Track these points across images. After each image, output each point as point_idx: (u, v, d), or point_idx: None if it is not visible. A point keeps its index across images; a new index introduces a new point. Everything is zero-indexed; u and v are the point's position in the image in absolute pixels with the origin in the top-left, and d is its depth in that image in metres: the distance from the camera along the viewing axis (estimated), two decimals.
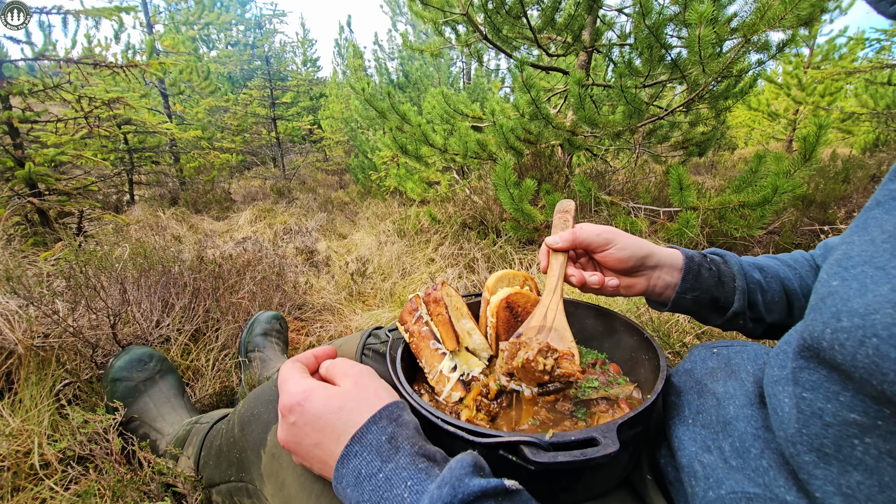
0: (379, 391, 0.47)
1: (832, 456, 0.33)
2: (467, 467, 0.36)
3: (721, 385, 0.50)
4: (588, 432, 0.41)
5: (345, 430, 0.43)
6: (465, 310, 0.68)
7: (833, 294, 0.36)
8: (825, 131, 1.61)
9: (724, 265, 0.62)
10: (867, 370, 0.30)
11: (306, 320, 1.84)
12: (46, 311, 1.12)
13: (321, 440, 0.44)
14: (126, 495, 0.79)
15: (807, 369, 0.36)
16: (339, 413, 0.44)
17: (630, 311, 1.54)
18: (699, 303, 0.61)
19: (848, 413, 0.32)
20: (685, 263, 0.60)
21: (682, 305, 0.62)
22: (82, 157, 2.74)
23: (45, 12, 2.48)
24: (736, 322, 0.62)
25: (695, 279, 0.60)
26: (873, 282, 0.33)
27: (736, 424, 0.45)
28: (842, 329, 0.32)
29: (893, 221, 0.38)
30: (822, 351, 0.34)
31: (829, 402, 0.34)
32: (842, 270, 0.38)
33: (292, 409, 0.46)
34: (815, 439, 0.34)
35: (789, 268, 0.65)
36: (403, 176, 3.63)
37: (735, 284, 0.60)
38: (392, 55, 7.86)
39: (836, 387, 0.33)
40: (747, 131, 8.98)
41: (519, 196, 2.08)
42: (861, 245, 0.39)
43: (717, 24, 1.68)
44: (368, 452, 0.41)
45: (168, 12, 5.53)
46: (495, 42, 2.60)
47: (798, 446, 0.36)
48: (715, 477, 0.42)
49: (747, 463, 0.42)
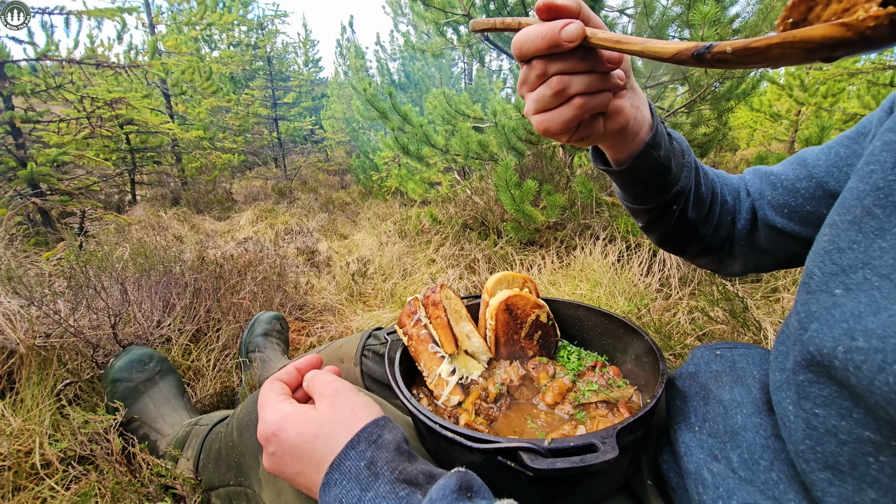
0: (356, 410, 0.45)
1: (847, 473, 0.32)
2: (450, 494, 0.34)
3: (727, 392, 0.49)
4: (587, 438, 0.41)
5: (322, 458, 0.42)
6: (464, 312, 0.68)
7: (839, 306, 0.34)
8: (827, 132, 1.61)
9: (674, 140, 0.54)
10: (885, 398, 0.28)
11: (307, 321, 1.84)
12: (48, 310, 1.13)
13: (301, 469, 0.43)
14: (125, 497, 0.79)
15: (816, 384, 0.35)
16: (314, 441, 0.42)
17: (630, 312, 1.54)
18: (655, 168, 0.51)
19: (862, 431, 0.31)
20: (650, 106, 0.51)
21: (642, 166, 0.50)
22: (84, 157, 2.74)
23: (48, 12, 2.49)
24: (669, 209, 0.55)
25: (659, 135, 0.50)
26: (883, 296, 0.32)
27: (744, 435, 0.43)
28: (857, 349, 0.31)
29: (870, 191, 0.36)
30: (834, 369, 0.32)
31: (843, 419, 0.32)
32: (839, 273, 0.36)
33: (269, 440, 0.45)
34: (830, 457, 0.33)
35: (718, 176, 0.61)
36: (405, 176, 3.63)
37: (684, 160, 0.54)
38: (394, 56, 7.86)
39: (848, 403, 0.32)
40: (749, 132, 8.96)
41: (520, 197, 2.08)
42: (846, 230, 0.37)
43: (719, 25, 1.68)
44: (348, 481, 0.39)
45: (170, 13, 5.54)
46: (497, 43, 2.60)
47: (812, 463, 0.35)
48: (725, 487, 0.40)
49: (756, 475, 0.40)
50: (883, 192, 0.36)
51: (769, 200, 0.56)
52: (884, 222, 0.35)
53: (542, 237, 2.39)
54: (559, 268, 2.09)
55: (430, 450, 0.53)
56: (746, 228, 0.60)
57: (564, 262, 2.13)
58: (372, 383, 0.83)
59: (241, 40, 7.55)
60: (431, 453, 0.53)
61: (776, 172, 0.57)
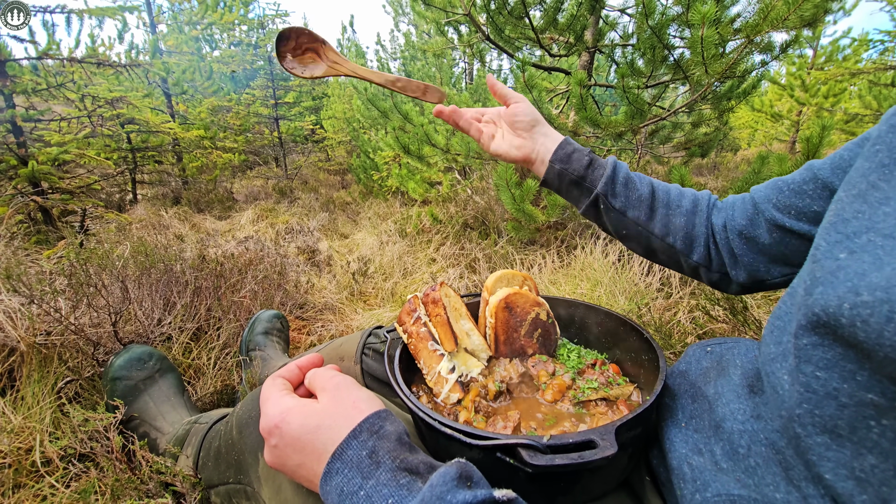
0: (358, 402, 0.46)
1: (846, 438, 0.32)
2: (450, 481, 0.35)
3: (712, 387, 0.50)
4: (586, 434, 0.41)
5: (325, 449, 0.42)
6: (464, 310, 0.68)
7: (844, 268, 0.34)
8: (829, 132, 1.60)
9: (601, 158, 0.68)
10: (895, 348, 0.28)
11: (307, 319, 1.84)
12: (48, 308, 1.13)
13: (303, 461, 0.43)
14: (125, 494, 0.79)
15: (820, 346, 0.34)
16: (317, 432, 0.43)
17: (631, 311, 1.54)
18: (566, 177, 0.68)
19: (865, 394, 0.31)
20: (563, 140, 0.69)
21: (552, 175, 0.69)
22: (85, 155, 2.75)
23: (49, 11, 2.49)
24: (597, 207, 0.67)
25: (566, 156, 0.67)
26: (886, 253, 0.32)
27: (724, 425, 0.44)
28: (863, 304, 0.30)
29: (875, 168, 0.37)
30: (841, 327, 0.32)
31: (846, 381, 0.32)
32: (844, 239, 0.36)
33: (271, 433, 0.45)
34: (829, 420, 0.33)
35: (674, 187, 0.68)
36: (405, 176, 3.63)
37: (604, 172, 0.66)
38: (394, 55, 7.86)
39: (852, 365, 0.32)
40: (750, 132, 8.96)
41: (520, 196, 2.08)
42: (851, 203, 0.38)
43: (720, 25, 1.68)
44: (349, 469, 0.40)
45: (171, 12, 5.54)
46: (498, 42, 2.60)
47: (808, 427, 0.35)
48: (702, 479, 0.41)
49: (737, 464, 0.41)
50: (888, 168, 0.37)
51: (775, 203, 0.56)
52: (888, 192, 0.35)
53: (543, 236, 2.40)
54: (560, 267, 2.09)
55: (430, 447, 0.53)
56: (745, 232, 0.60)
57: (565, 261, 2.13)
58: (372, 382, 0.83)
59: (241, 40, 7.56)
60: (431, 451, 0.53)
61: (784, 178, 0.59)
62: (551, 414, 0.58)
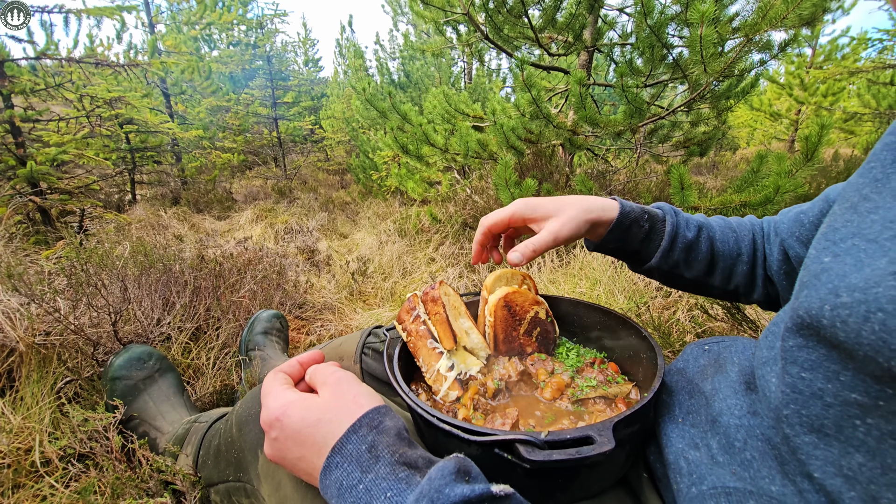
0: (359, 397, 0.46)
1: (833, 437, 0.33)
2: (448, 475, 0.35)
3: (709, 383, 0.50)
4: (583, 430, 0.41)
5: (325, 442, 0.42)
6: (463, 309, 0.68)
7: (827, 271, 0.35)
8: (827, 131, 1.61)
9: (660, 223, 0.63)
10: (873, 347, 0.29)
11: (307, 319, 1.84)
12: (48, 308, 1.13)
13: (303, 454, 0.44)
14: (125, 493, 0.79)
15: (805, 348, 0.35)
16: (317, 425, 0.43)
17: (630, 310, 1.54)
18: (620, 252, 0.66)
19: (849, 393, 0.31)
20: (617, 220, 0.62)
21: (604, 249, 0.67)
22: (84, 156, 2.75)
23: (47, 11, 2.49)
24: (652, 274, 0.66)
25: (621, 234, 0.63)
26: (868, 255, 0.33)
27: (721, 419, 0.45)
28: (842, 305, 0.31)
29: (868, 182, 0.38)
30: (823, 329, 0.33)
31: (830, 381, 0.33)
32: (831, 245, 0.37)
33: (272, 426, 0.45)
34: (816, 420, 0.34)
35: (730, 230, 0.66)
36: (404, 176, 3.63)
37: (660, 244, 0.63)
38: (393, 55, 7.85)
39: (835, 366, 0.32)
40: (749, 131, 8.96)
41: (520, 195, 2.08)
42: (843, 214, 0.38)
43: (718, 24, 1.68)
44: (349, 463, 0.40)
45: (170, 12, 5.54)
46: (496, 42, 2.60)
47: (797, 427, 0.35)
48: (698, 473, 0.41)
49: (733, 458, 0.41)
50: (881, 182, 0.37)
51: (798, 237, 0.57)
52: (878, 202, 0.36)
53: None
54: (559, 266, 2.09)
55: (429, 444, 0.53)
56: (782, 268, 0.61)
57: (564, 260, 2.13)
58: (372, 381, 0.83)
59: (240, 39, 7.56)
60: (430, 447, 0.53)
61: (804, 209, 0.59)
62: (550, 412, 0.58)
